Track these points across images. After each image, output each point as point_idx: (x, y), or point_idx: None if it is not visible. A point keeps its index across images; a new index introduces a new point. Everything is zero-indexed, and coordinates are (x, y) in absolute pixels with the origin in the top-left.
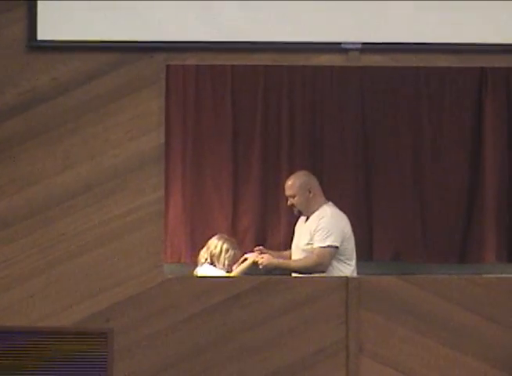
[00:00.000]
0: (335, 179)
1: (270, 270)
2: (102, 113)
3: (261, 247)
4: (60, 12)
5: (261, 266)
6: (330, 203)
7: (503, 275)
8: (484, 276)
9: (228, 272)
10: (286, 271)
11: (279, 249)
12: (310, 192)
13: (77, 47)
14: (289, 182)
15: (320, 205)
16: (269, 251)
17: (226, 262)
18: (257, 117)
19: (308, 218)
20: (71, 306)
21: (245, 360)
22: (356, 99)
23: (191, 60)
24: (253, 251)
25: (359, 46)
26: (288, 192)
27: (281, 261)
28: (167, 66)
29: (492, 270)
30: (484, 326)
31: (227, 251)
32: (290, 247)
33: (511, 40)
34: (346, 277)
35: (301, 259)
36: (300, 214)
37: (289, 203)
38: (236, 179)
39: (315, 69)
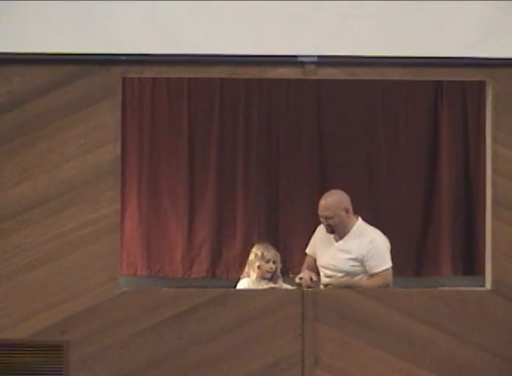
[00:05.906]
0: (291, 191)
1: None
2: (58, 126)
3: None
4: (16, 25)
5: (330, 286)
6: (360, 218)
7: (459, 288)
8: (440, 288)
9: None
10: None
11: (234, 262)
12: (347, 212)
13: (33, 60)
14: (323, 202)
15: (353, 223)
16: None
17: (257, 270)
18: (214, 129)
19: (339, 237)
20: (27, 319)
21: (200, 374)
22: (312, 111)
23: (148, 73)
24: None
25: (315, 59)
26: (325, 213)
27: (350, 281)
28: (124, 79)
29: (448, 283)
30: (439, 338)
31: (256, 255)
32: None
33: (464, 53)
34: (302, 290)
35: (370, 281)
36: (332, 233)
37: (325, 223)
38: (192, 192)
39: (272, 82)
